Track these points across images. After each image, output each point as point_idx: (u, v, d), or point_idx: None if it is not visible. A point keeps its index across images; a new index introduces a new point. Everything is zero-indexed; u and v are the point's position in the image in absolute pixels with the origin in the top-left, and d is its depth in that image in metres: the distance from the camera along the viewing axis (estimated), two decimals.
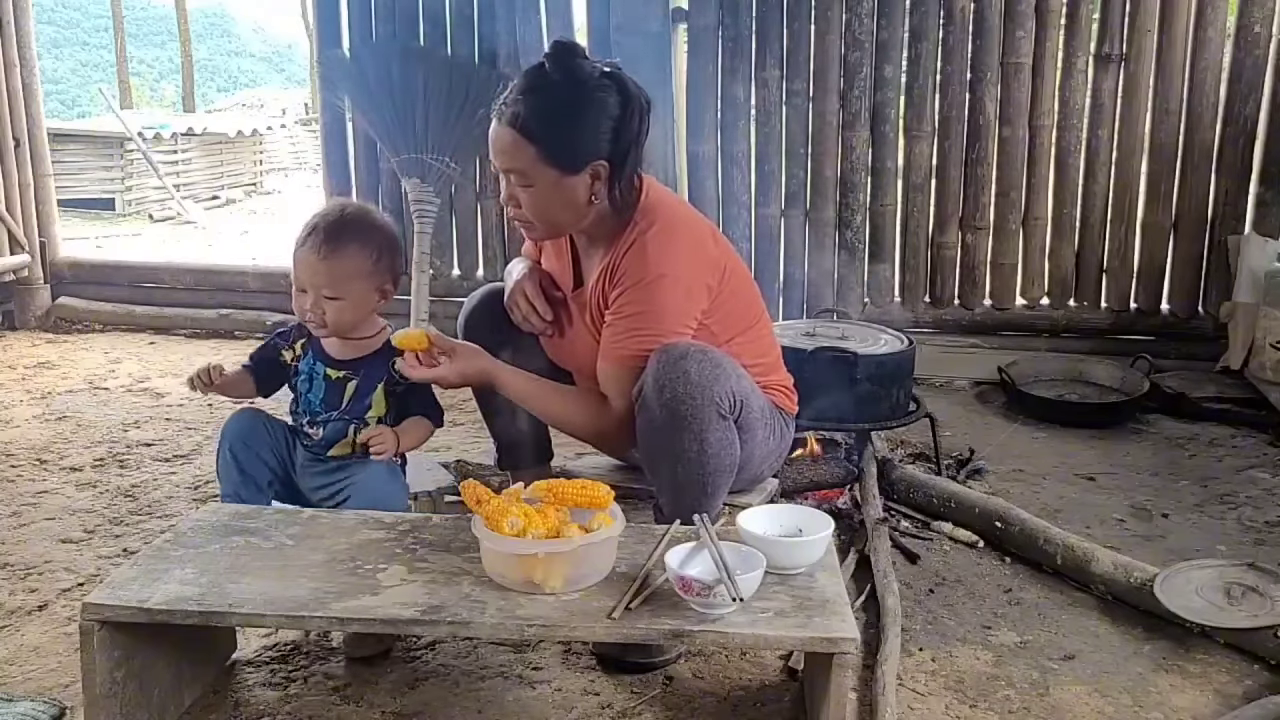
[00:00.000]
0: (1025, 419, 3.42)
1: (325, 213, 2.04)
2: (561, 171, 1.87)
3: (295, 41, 33.04)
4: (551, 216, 1.94)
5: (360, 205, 2.15)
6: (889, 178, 3.91)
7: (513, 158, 1.87)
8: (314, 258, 1.98)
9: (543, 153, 1.85)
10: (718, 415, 1.85)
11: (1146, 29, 3.63)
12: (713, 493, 1.90)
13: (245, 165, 13.09)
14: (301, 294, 2.01)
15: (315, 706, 1.77)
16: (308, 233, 2.00)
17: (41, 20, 26.20)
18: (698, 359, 1.83)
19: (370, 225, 2.05)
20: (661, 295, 1.90)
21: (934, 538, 2.48)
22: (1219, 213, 3.72)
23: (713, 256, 1.99)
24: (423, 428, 2.11)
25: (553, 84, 1.86)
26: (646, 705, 1.78)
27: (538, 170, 1.87)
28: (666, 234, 1.93)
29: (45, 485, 2.82)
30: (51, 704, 1.74)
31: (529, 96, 1.86)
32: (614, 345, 1.94)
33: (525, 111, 1.85)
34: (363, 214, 2.07)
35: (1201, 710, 1.79)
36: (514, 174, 1.89)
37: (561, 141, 1.86)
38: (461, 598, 1.58)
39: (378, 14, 4.19)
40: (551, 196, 1.90)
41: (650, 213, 1.95)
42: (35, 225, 4.80)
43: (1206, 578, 2.07)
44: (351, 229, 2.01)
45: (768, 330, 2.15)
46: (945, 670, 1.91)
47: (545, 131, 1.84)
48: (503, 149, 1.88)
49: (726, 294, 1.99)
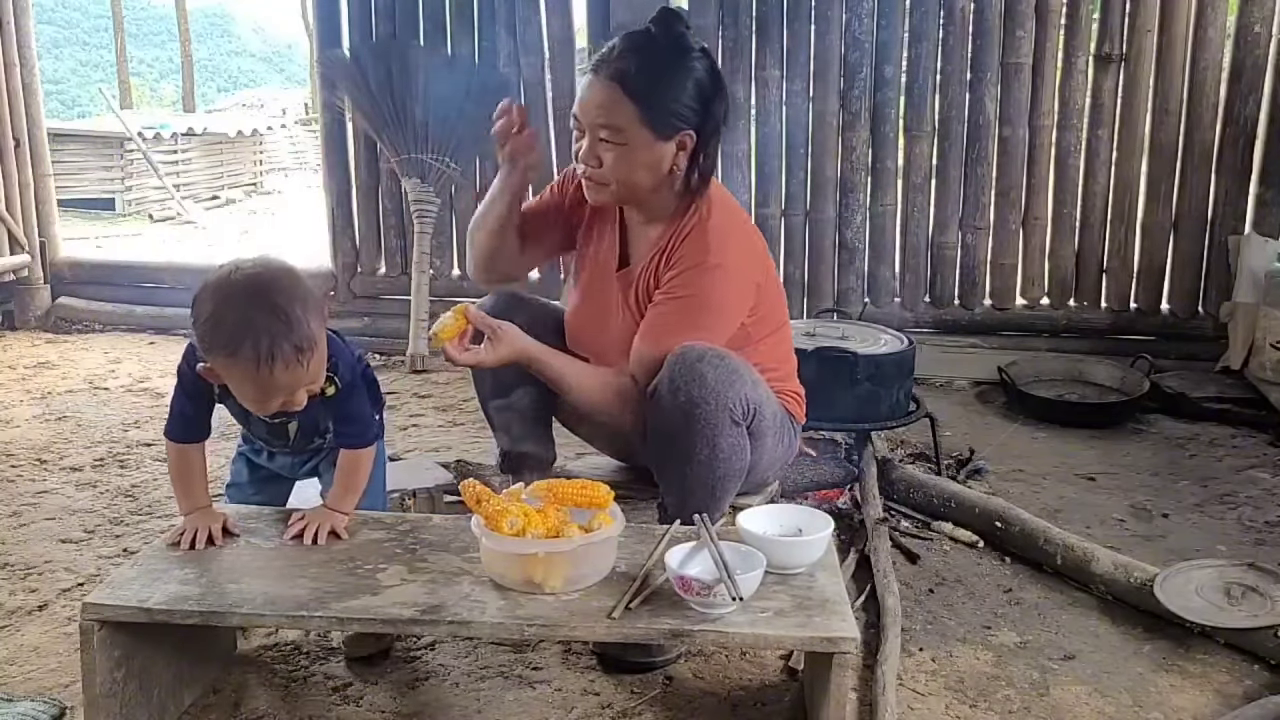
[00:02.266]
0: (1025, 419, 3.43)
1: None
2: (655, 134, 1.86)
3: (295, 41, 33.05)
4: (632, 179, 1.90)
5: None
6: (889, 178, 3.91)
7: (611, 113, 1.84)
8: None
9: (642, 112, 1.83)
10: (730, 421, 1.84)
11: (1146, 29, 3.64)
12: (720, 496, 1.90)
13: (245, 165, 13.10)
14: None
15: (315, 706, 1.77)
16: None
17: (41, 20, 26.20)
18: (714, 363, 1.82)
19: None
20: (716, 284, 1.90)
21: (934, 538, 2.48)
22: (1219, 213, 3.72)
23: (764, 256, 2.03)
24: (358, 472, 1.84)
25: (659, 47, 1.85)
26: (646, 705, 1.78)
27: (634, 129, 1.84)
28: (729, 225, 1.94)
29: (45, 485, 2.81)
30: (51, 704, 1.74)
31: (635, 55, 1.83)
32: (657, 326, 1.92)
33: (630, 68, 1.82)
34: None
35: (1201, 710, 1.78)
36: (607, 129, 1.85)
37: (662, 104, 1.84)
38: (461, 598, 1.58)
39: (378, 14, 4.19)
40: (639, 158, 1.87)
41: (713, 202, 1.96)
42: (35, 225, 4.80)
43: (1206, 578, 2.07)
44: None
45: (789, 335, 2.16)
46: (945, 670, 1.91)
47: (648, 91, 1.83)
48: (600, 103, 1.85)
49: (767, 291, 2.01)
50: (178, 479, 1.82)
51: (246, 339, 1.58)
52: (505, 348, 1.90)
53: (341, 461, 1.85)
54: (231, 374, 1.64)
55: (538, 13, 4.07)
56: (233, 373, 1.64)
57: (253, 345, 1.58)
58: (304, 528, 1.76)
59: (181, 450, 1.81)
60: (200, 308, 1.63)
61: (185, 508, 1.79)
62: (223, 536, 1.75)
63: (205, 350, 1.64)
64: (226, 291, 1.62)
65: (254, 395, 1.67)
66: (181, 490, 1.81)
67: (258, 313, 1.60)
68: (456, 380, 3.79)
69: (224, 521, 1.77)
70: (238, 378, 1.64)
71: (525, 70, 4.11)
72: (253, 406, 1.72)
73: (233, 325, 1.59)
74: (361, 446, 1.86)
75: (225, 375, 1.66)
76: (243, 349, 1.58)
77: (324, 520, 1.78)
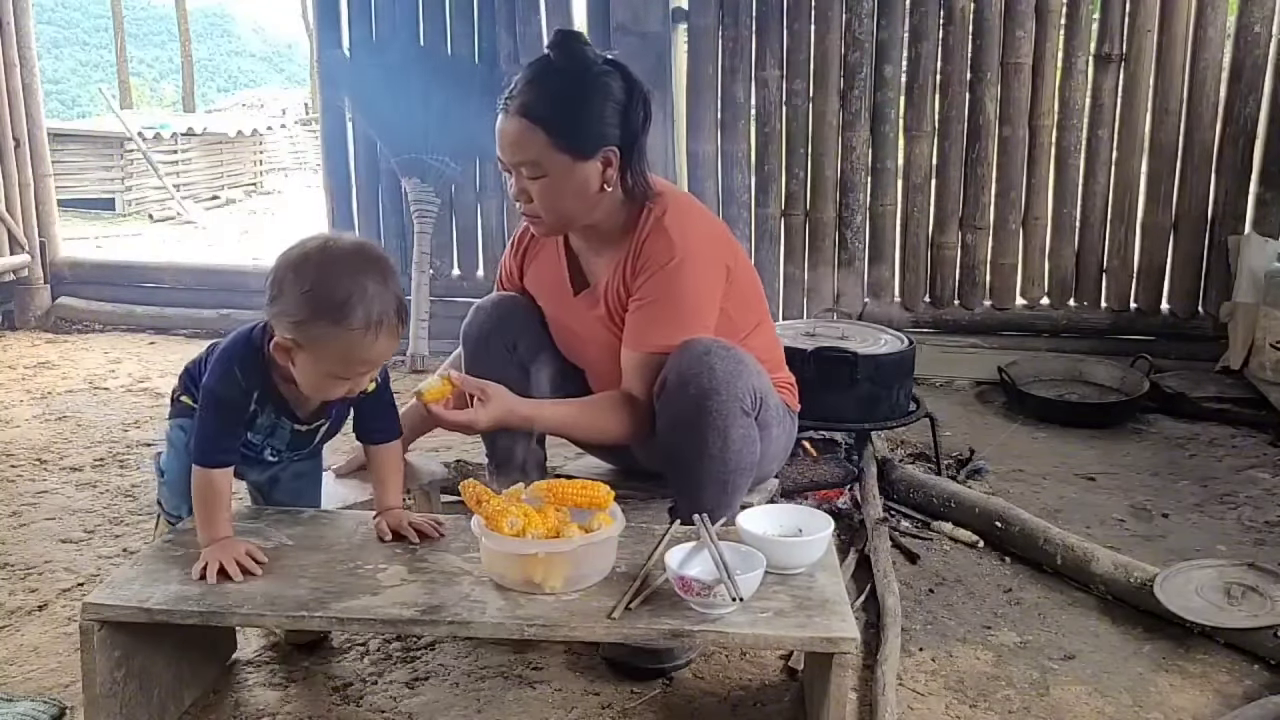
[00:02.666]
0: (1025, 419, 3.42)
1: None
2: (573, 157, 1.85)
3: (295, 41, 33.04)
4: (564, 206, 1.90)
5: None
6: (889, 178, 3.91)
7: (523, 148, 1.84)
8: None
9: (554, 139, 1.83)
10: (741, 411, 1.84)
11: (1146, 29, 3.63)
12: (732, 492, 1.90)
13: (245, 165, 13.10)
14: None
15: (315, 706, 1.77)
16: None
17: (41, 20, 26.20)
18: (721, 354, 1.83)
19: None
20: (686, 279, 1.89)
21: (934, 538, 2.48)
22: (1219, 212, 3.72)
23: (728, 239, 2.03)
24: (400, 466, 1.91)
25: (559, 70, 1.85)
26: (646, 705, 1.78)
27: (549, 158, 1.84)
28: (683, 214, 1.94)
29: (45, 485, 2.81)
30: (51, 704, 1.74)
31: (536, 84, 1.84)
32: (640, 333, 1.92)
33: (533, 99, 1.82)
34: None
35: (1201, 710, 1.78)
36: (525, 165, 1.86)
37: (572, 126, 1.83)
38: (461, 598, 1.58)
39: (378, 14, 4.19)
40: (564, 185, 1.86)
41: (662, 197, 1.95)
42: (35, 225, 4.80)
43: (1206, 578, 2.07)
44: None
45: (772, 327, 2.17)
46: (945, 670, 1.91)
47: (555, 117, 1.82)
48: (512, 140, 1.85)
49: (740, 276, 2.01)
50: (202, 507, 1.70)
51: (359, 304, 1.59)
52: (496, 408, 1.86)
53: (384, 459, 1.87)
54: (326, 346, 1.61)
55: (538, 13, 4.07)
56: (329, 344, 1.61)
57: (365, 310, 1.59)
58: (395, 530, 1.77)
59: (211, 477, 1.70)
60: (295, 279, 1.61)
61: (206, 538, 1.68)
62: (254, 565, 1.64)
63: (306, 317, 1.60)
64: (332, 259, 1.62)
65: (339, 369, 1.64)
66: (205, 519, 1.69)
67: (370, 280, 1.61)
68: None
69: (246, 550, 1.66)
70: (333, 349, 1.61)
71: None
72: (321, 388, 1.68)
73: (345, 291, 1.58)
74: (394, 440, 1.89)
75: (318, 345, 1.61)
76: (354, 314, 1.58)
77: (404, 518, 1.79)
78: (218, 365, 1.73)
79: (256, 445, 1.84)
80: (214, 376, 1.72)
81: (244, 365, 1.72)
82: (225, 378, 1.71)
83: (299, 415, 1.81)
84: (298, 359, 1.66)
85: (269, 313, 1.67)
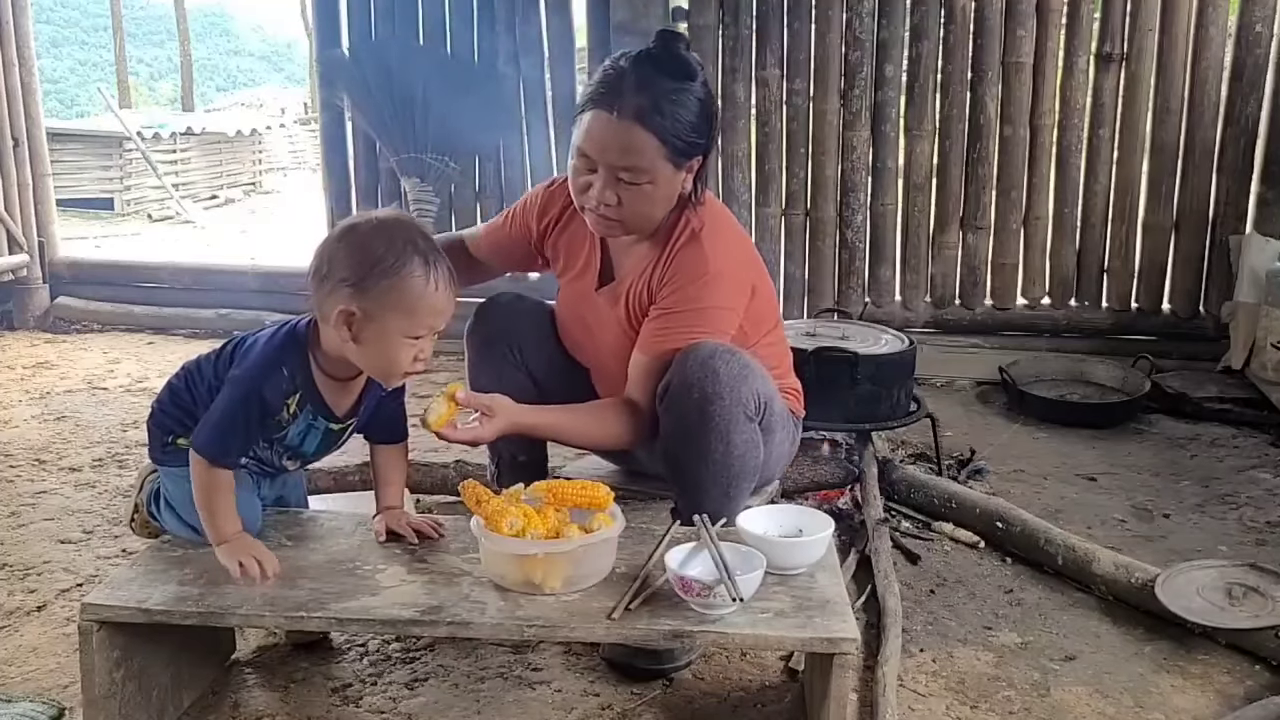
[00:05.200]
0: (1026, 419, 3.42)
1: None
2: (675, 166, 1.82)
3: (295, 41, 33.01)
4: (654, 212, 1.86)
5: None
6: (890, 177, 3.91)
7: (635, 154, 1.77)
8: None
9: (666, 149, 1.79)
10: (744, 416, 1.83)
11: (1148, 28, 3.63)
12: (735, 496, 1.89)
13: (244, 165, 13.08)
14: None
15: (315, 707, 1.77)
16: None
17: (40, 19, 26.20)
18: (726, 359, 1.82)
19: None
20: (715, 293, 1.88)
21: (935, 538, 2.47)
22: (1220, 212, 3.71)
23: (756, 259, 2.02)
24: (406, 467, 1.95)
25: (667, 75, 1.79)
26: (646, 706, 1.78)
27: (658, 166, 1.79)
28: (720, 231, 1.92)
29: (44, 485, 2.81)
30: (50, 704, 1.73)
31: (649, 89, 1.76)
32: (658, 338, 1.89)
33: (649, 105, 1.76)
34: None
35: (1202, 711, 1.78)
36: (629, 171, 1.79)
37: (681, 136, 1.79)
38: (461, 598, 1.58)
39: (377, 14, 4.18)
40: (662, 193, 1.83)
41: (703, 208, 1.93)
42: (34, 225, 4.79)
43: (1208, 578, 2.07)
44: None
45: (783, 332, 2.16)
46: (946, 671, 1.90)
47: (671, 126, 1.77)
48: (623, 145, 1.77)
49: (761, 293, 2.00)
50: (207, 502, 1.67)
51: (414, 253, 1.63)
52: (501, 420, 1.82)
53: (389, 459, 1.89)
54: (390, 299, 1.61)
55: (538, 12, 4.06)
56: (393, 297, 1.61)
57: (420, 257, 1.63)
58: (393, 531, 1.78)
59: (215, 472, 1.67)
60: (345, 248, 1.64)
61: (218, 535, 1.66)
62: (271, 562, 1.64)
63: (365, 274, 1.61)
64: (377, 224, 1.66)
65: (407, 326, 1.63)
66: (213, 513, 1.67)
67: (418, 236, 1.66)
68: (456, 380, 3.78)
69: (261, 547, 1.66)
70: (397, 302, 1.62)
71: (525, 69, 4.10)
72: (390, 357, 1.65)
73: (400, 245, 1.63)
74: (400, 441, 1.90)
75: (379, 308, 1.61)
76: (411, 260, 1.62)
77: (402, 518, 1.80)
78: (263, 361, 1.68)
79: (278, 455, 1.80)
80: (258, 371, 1.67)
81: (292, 363, 1.70)
82: (272, 375, 1.68)
83: (336, 413, 1.78)
84: (363, 332, 1.63)
85: (320, 295, 1.65)
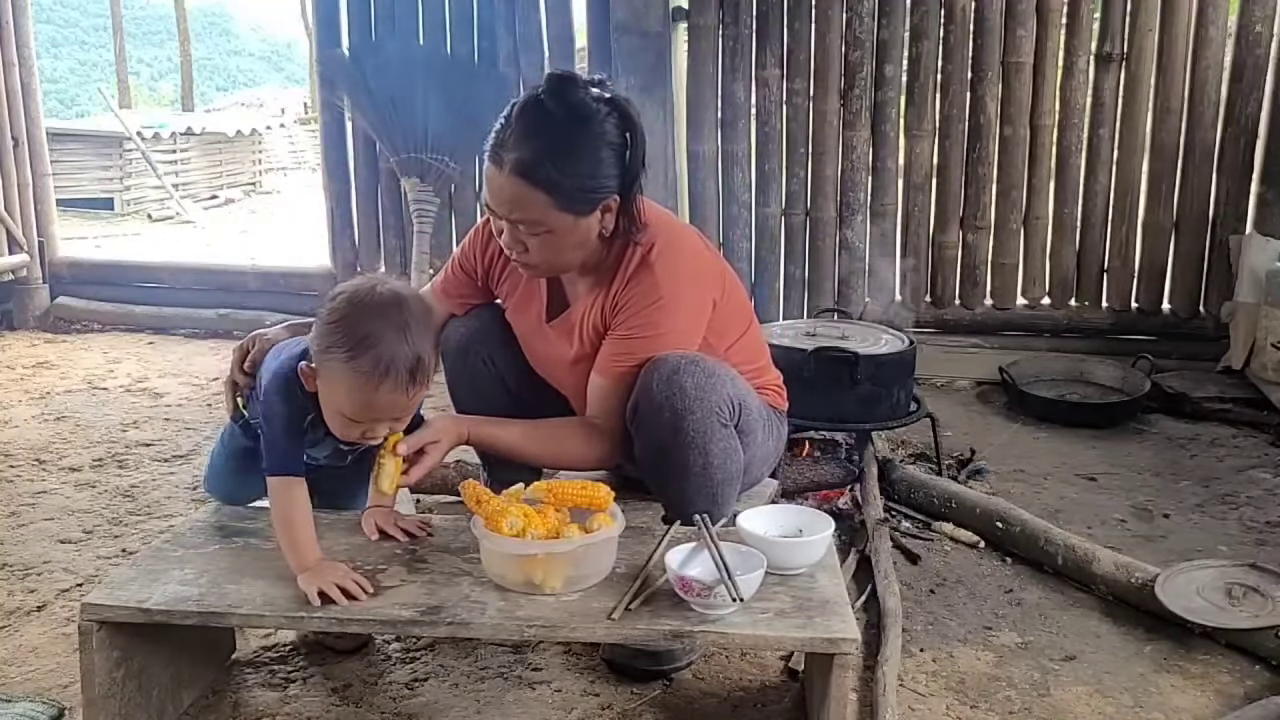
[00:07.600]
0: (1026, 419, 3.42)
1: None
2: (576, 215, 1.76)
3: (295, 41, 33.00)
4: (563, 259, 1.83)
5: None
6: (890, 177, 3.91)
7: (523, 209, 1.74)
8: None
9: (557, 200, 1.73)
10: (719, 424, 1.81)
11: (1148, 28, 3.63)
12: (722, 503, 1.88)
13: (244, 165, 13.07)
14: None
15: (315, 707, 1.77)
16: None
17: (40, 19, 26.19)
18: (691, 371, 1.78)
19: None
20: (670, 319, 1.83)
21: (935, 538, 2.47)
22: (1220, 212, 3.71)
23: (714, 269, 1.95)
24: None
25: (557, 123, 1.72)
26: (646, 706, 1.78)
27: (551, 217, 1.74)
28: (672, 254, 1.85)
29: (44, 485, 2.81)
30: (50, 704, 1.73)
31: (533, 140, 1.71)
32: (614, 361, 1.86)
33: (531, 158, 1.70)
34: None
35: (1203, 711, 1.78)
36: (523, 223, 1.76)
37: (575, 185, 1.73)
38: (461, 598, 1.58)
39: (378, 14, 4.19)
40: (564, 241, 1.78)
41: (650, 232, 1.85)
42: (34, 225, 4.79)
43: (1208, 578, 2.06)
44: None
45: (758, 331, 2.11)
46: (946, 671, 1.90)
47: (556, 178, 1.71)
48: (510, 200, 1.74)
49: (725, 302, 1.95)
50: (288, 529, 1.64)
51: (372, 348, 1.58)
52: (446, 443, 1.80)
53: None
54: (338, 380, 1.61)
55: (537, 11, 4.07)
56: (337, 380, 1.61)
57: (374, 355, 1.58)
58: (387, 530, 1.79)
59: (291, 488, 1.67)
60: (334, 307, 1.63)
61: (300, 562, 1.62)
62: (359, 590, 1.58)
63: (325, 348, 1.61)
64: (366, 300, 1.63)
65: (349, 409, 1.63)
66: (290, 542, 1.64)
67: (391, 329, 1.60)
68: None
69: (345, 574, 1.60)
70: (343, 385, 1.61)
71: (525, 69, 4.10)
72: (338, 425, 1.67)
73: (364, 332, 1.59)
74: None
75: (330, 380, 1.62)
76: (363, 356, 1.58)
77: (392, 518, 1.80)
78: (277, 384, 1.71)
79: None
80: (274, 393, 1.70)
81: (299, 397, 1.70)
82: (287, 394, 1.70)
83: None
84: (319, 387, 1.66)
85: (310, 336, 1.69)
